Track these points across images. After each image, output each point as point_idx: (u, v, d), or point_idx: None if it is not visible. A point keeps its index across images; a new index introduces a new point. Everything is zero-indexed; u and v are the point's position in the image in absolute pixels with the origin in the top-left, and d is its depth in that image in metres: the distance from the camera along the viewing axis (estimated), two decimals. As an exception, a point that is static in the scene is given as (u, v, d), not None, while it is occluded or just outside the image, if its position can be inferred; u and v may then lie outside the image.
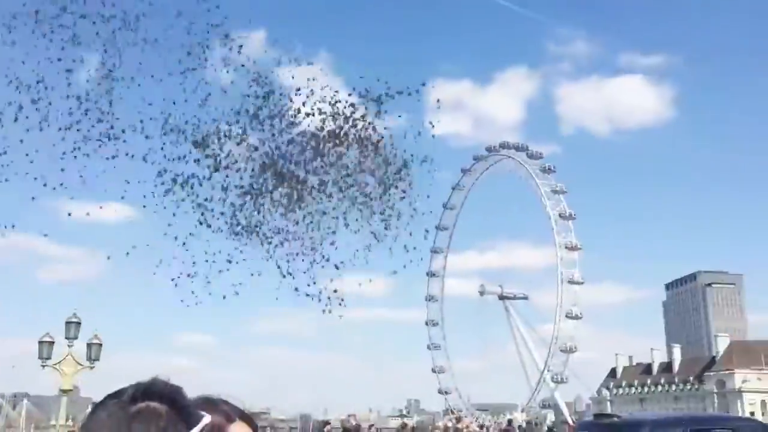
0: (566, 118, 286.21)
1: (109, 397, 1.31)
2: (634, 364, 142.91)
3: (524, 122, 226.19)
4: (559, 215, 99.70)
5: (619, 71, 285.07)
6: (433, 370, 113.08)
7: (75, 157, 13.98)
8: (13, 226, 14.29)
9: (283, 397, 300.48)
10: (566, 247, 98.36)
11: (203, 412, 1.31)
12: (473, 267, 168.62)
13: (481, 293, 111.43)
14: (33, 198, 14.61)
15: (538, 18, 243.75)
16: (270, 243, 13.92)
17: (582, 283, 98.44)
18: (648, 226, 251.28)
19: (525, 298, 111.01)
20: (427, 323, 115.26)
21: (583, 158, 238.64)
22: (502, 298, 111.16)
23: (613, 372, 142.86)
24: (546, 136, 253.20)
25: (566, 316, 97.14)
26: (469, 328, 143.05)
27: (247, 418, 1.64)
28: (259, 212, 14.52)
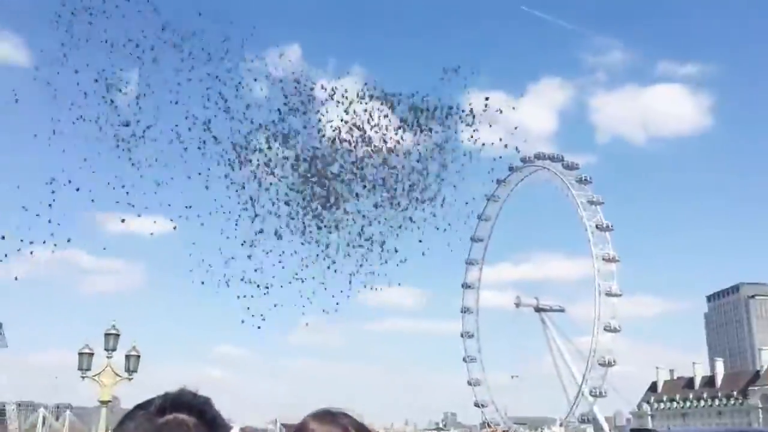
0: (602, 128, 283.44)
1: (138, 407, 1.31)
2: (675, 377, 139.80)
3: (559, 133, 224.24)
4: (596, 226, 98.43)
5: (656, 80, 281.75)
6: (469, 383, 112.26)
7: (116, 176, 14.34)
8: (69, 240, 14.74)
9: (315, 409, 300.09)
10: (603, 259, 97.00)
11: (232, 425, 1.33)
12: (508, 279, 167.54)
13: (517, 305, 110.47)
14: (87, 209, 15.06)
15: (573, 28, 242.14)
16: (320, 257, 14.15)
17: (620, 295, 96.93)
18: (687, 236, 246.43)
19: (561, 310, 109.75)
20: (462, 335, 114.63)
21: (620, 168, 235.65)
22: (538, 310, 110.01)
23: (653, 386, 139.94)
24: (581, 147, 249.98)
25: (604, 329, 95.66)
26: (504, 341, 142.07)
27: (366, 431, 1.62)
28: (304, 225, 14.76)
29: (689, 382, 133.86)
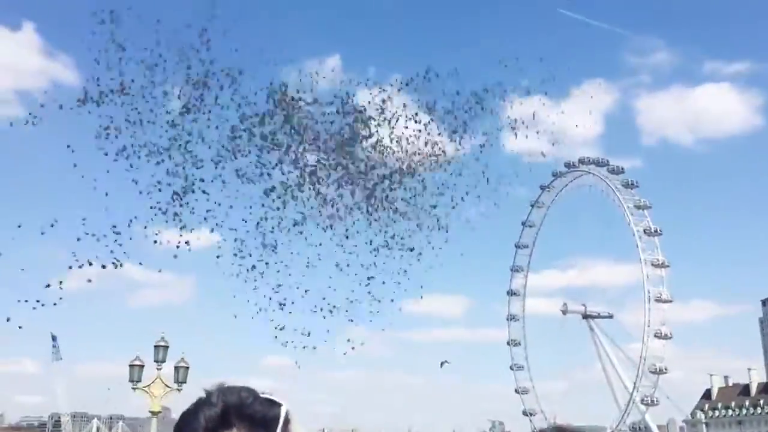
0: (647, 130, 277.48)
1: (189, 416, 1.27)
2: (730, 384, 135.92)
3: (603, 136, 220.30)
4: (644, 231, 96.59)
5: (702, 80, 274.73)
6: (517, 391, 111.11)
7: (159, 189, 14.66)
8: (125, 255, 15.12)
9: (363, 418, 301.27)
10: (652, 264, 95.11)
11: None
12: (554, 285, 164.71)
13: (564, 312, 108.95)
14: (129, 223, 15.46)
15: (614, 30, 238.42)
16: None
17: (670, 301, 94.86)
18: (739, 238, 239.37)
19: (609, 316, 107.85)
20: (509, 343, 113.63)
21: (667, 171, 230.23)
22: (585, 317, 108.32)
23: (707, 393, 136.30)
24: (626, 150, 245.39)
25: (655, 336, 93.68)
26: (552, 348, 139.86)
27: None
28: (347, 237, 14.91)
29: (745, 389, 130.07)
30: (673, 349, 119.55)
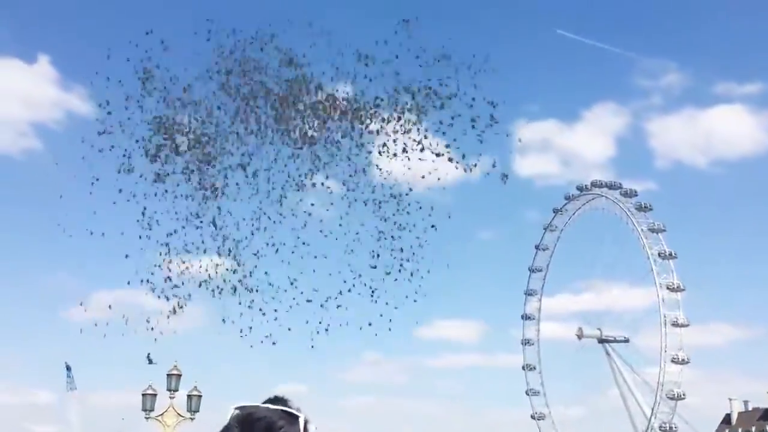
0: (660, 153, 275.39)
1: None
2: (750, 409, 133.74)
3: (615, 159, 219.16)
4: (659, 254, 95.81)
5: (715, 102, 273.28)
6: (533, 417, 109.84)
7: (177, 220, 14.89)
8: (148, 281, 15.33)
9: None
10: (668, 288, 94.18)
11: None
12: (569, 309, 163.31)
13: (579, 337, 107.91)
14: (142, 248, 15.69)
15: (624, 53, 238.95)
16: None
17: (687, 325, 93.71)
18: (757, 261, 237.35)
19: (626, 341, 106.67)
20: (524, 368, 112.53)
21: (681, 193, 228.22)
22: (601, 341, 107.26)
23: (727, 418, 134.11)
24: (639, 172, 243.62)
25: (672, 361, 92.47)
26: (568, 373, 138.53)
27: None
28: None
29: (765, 413, 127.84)
30: (691, 374, 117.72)
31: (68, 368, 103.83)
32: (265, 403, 1.52)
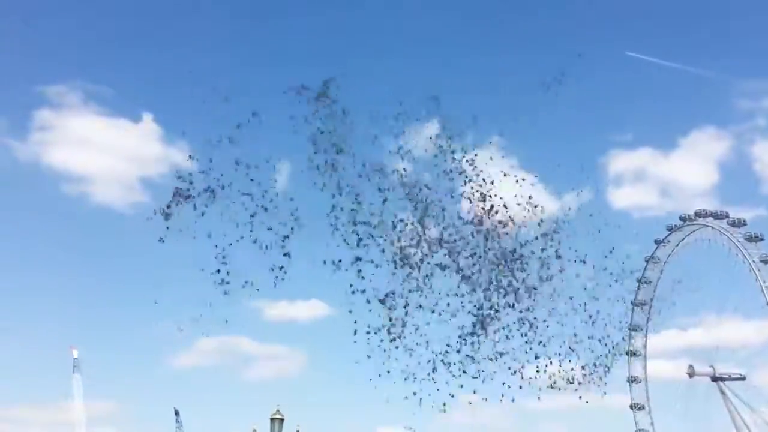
0: (767, 178, 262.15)
1: None
2: None
3: (718, 186, 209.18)
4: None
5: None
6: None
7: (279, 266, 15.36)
8: (225, 321, 15.98)
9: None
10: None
11: None
12: (677, 346, 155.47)
13: (690, 375, 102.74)
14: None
15: (720, 77, 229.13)
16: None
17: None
18: None
19: (742, 378, 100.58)
20: (631, 407, 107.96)
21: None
22: (715, 379, 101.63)
23: None
24: (746, 200, 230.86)
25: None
26: (679, 414, 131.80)
27: None
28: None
29: None
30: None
31: (177, 413, 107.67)
32: None
